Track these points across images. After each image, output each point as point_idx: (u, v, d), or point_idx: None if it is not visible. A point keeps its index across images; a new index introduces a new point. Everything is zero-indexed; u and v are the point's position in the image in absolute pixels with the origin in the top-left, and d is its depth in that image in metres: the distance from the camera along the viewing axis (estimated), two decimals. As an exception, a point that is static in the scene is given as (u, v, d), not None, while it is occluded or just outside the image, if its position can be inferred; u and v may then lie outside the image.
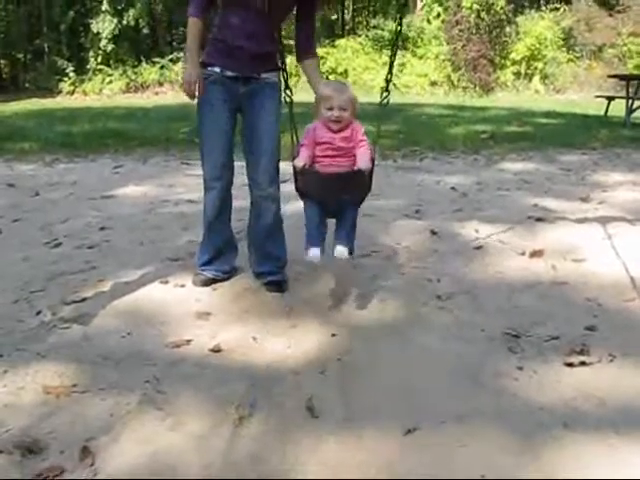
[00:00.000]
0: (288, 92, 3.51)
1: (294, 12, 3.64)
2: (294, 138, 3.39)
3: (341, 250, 3.22)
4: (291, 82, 3.60)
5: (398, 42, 3.40)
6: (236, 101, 3.58)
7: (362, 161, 3.17)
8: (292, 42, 3.68)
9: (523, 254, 4.37)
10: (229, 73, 3.51)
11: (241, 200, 4.03)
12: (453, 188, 6.63)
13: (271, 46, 3.54)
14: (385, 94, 3.31)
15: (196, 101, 3.58)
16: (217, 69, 3.52)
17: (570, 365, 2.87)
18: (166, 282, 3.88)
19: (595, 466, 2.17)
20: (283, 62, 3.63)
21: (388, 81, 3.33)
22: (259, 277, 3.85)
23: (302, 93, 3.85)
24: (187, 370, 2.87)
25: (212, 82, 3.53)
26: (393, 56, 3.39)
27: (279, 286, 3.76)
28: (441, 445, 2.30)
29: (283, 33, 3.73)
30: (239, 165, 3.70)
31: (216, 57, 3.53)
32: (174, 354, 3.02)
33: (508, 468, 2.17)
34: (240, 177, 3.72)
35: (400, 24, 3.43)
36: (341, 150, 3.20)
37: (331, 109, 3.13)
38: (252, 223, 3.80)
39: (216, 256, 3.85)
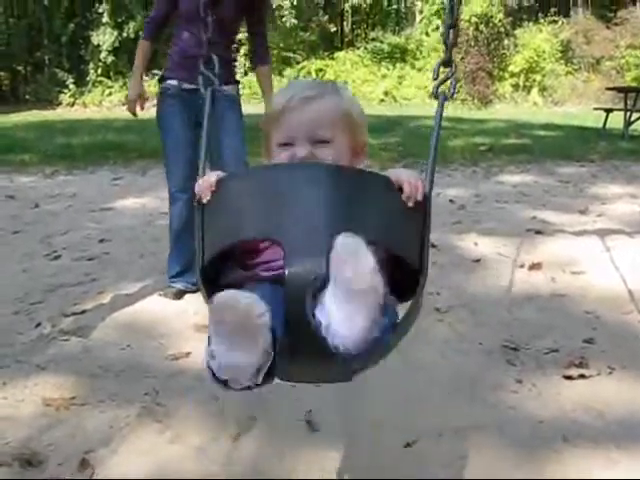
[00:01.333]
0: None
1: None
2: None
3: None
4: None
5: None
6: (195, 114, 3.60)
7: None
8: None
9: (522, 267, 4.37)
10: (186, 86, 3.56)
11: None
12: (452, 201, 6.64)
13: (226, 55, 3.54)
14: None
15: (149, 116, 3.72)
16: (175, 82, 3.61)
17: (569, 378, 2.87)
18: (165, 294, 3.88)
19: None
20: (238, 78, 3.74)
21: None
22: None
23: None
24: (186, 383, 2.86)
25: (171, 95, 3.62)
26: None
27: None
28: (440, 458, 2.30)
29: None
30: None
31: (173, 70, 3.61)
32: (173, 366, 3.02)
33: (507, 481, 2.17)
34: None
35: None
36: None
37: (287, 144, 1.52)
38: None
39: (186, 268, 3.85)
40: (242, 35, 5.32)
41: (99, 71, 23.85)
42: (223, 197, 1.44)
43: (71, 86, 23.43)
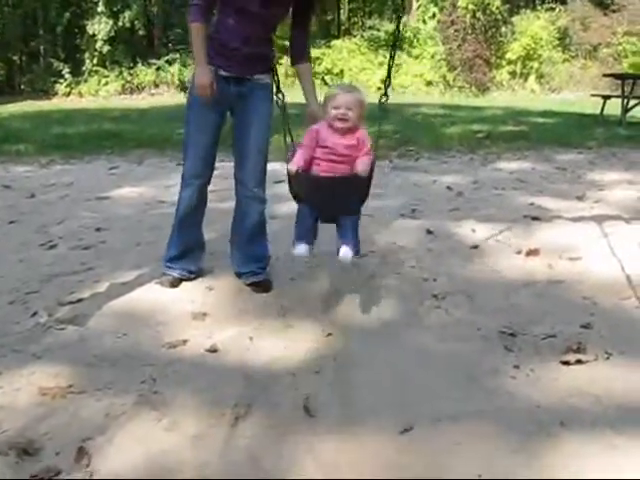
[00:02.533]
0: (280, 96, 3.58)
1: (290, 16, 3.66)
2: (287, 140, 3.38)
3: (346, 251, 3.13)
4: (287, 82, 3.63)
5: (397, 44, 3.43)
6: (227, 101, 3.58)
7: (361, 165, 3.08)
8: (286, 43, 3.69)
9: (519, 253, 4.37)
10: (222, 73, 3.52)
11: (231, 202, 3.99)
12: (449, 187, 6.63)
13: (265, 48, 3.56)
14: (384, 98, 3.25)
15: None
16: (212, 68, 3.54)
17: (566, 363, 2.87)
18: (162, 283, 3.86)
19: (593, 465, 2.17)
20: (275, 64, 3.65)
21: (387, 86, 3.25)
22: (241, 277, 3.84)
23: (296, 93, 3.83)
24: (183, 370, 2.86)
25: None
26: (391, 59, 3.34)
27: (264, 286, 3.77)
28: (437, 444, 2.30)
29: (277, 34, 3.75)
30: (229, 166, 3.70)
31: (211, 56, 3.54)
32: (170, 354, 3.01)
33: (505, 467, 2.17)
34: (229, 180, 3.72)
35: (398, 27, 3.61)
36: (344, 157, 3.13)
37: (337, 108, 3.05)
38: (236, 223, 3.81)
39: (184, 254, 3.84)
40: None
41: (95, 61, 23.74)
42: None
43: (67, 76, 23.33)
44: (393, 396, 2.62)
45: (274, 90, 3.61)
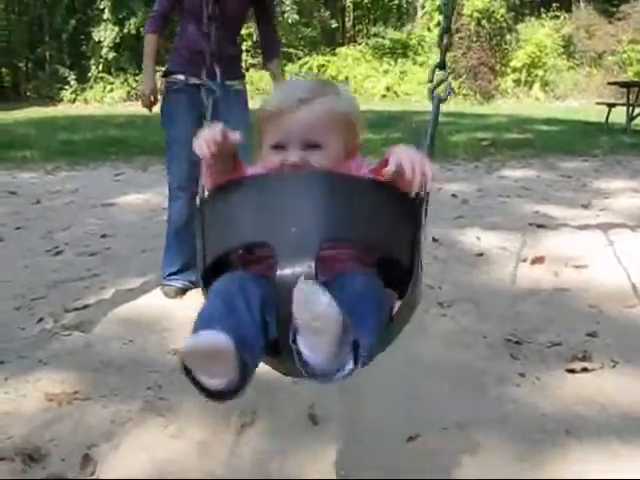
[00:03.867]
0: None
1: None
2: None
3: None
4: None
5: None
6: (201, 109, 3.59)
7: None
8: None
9: (525, 261, 4.36)
10: (193, 80, 3.53)
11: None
12: (454, 195, 6.63)
13: (232, 50, 3.52)
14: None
15: (157, 111, 3.66)
16: (181, 77, 3.58)
17: (572, 371, 2.86)
18: (166, 293, 3.86)
19: (598, 473, 2.16)
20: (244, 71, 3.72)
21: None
22: None
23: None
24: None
25: (176, 90, 3.60)
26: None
27: None
28: (443, 452, 2.29)
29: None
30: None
31: (179, 65, 3.58)
32: (176, 361, 3.01)
33: (510, 475, 2.16)
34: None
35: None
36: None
37: (279, 147, 1.52)
38: None
39: (182, 268, 3.82)
40: (244, 30, 5.30)
41: (100, 67, 23.85)
42: (221, 202, 1.51)
43: (72, 82, 23.46)
44: (399, 404, 2.62)
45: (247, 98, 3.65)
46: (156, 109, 3.82)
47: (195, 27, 3.51)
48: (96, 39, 23.60)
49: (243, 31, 4.33)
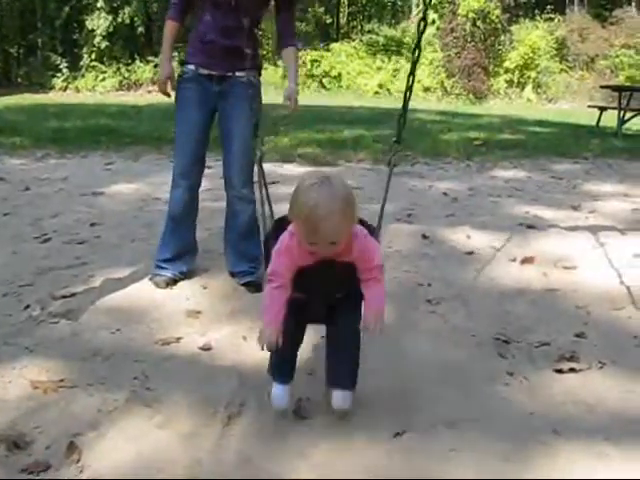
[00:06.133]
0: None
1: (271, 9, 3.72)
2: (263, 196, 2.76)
3: (341, 398, 2.42)
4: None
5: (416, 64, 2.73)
6: (211, 100, 3.60)
7: (371, 315, 2.34)
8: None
9: (514, 260, 4.37)
10: (203, 71, 3.55)
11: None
12: (445, 193, 6.63)
13: (243, 42, 3.47)
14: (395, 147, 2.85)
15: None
16: (192, 67, 3.58)
17: (560, 371, 2.87)
18: (156, 283, 3.84)
19: (585, 473, 2.16)
20: (261, 63, 3.73)
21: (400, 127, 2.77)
22: (235, 277, 3.83)
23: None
24: (176, 368, 2.85)
25: (188, 80, 3.62)
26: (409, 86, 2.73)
27: (257, 286, 3.69)
28: (430, 449, 2.29)
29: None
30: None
31: (192, 55, 3.60)
32: (163, 351, 3.00)
33: (497, 473, 2.16)
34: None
35: (419, 43, 2.77)
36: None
37: (313, 244, 2.19)
38: (228, 222, 3.81)
39: (178, 256, 3.82)
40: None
41: (93, 56, 23.75)
42: None
43: (64, 70, 23.35)
44: (387, 400, 2.61)
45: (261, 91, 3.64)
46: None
47: (211, 17, 3.51)
48: (89, 27, 23.50)
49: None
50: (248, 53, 3.48)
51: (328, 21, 29.05)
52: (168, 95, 3.72)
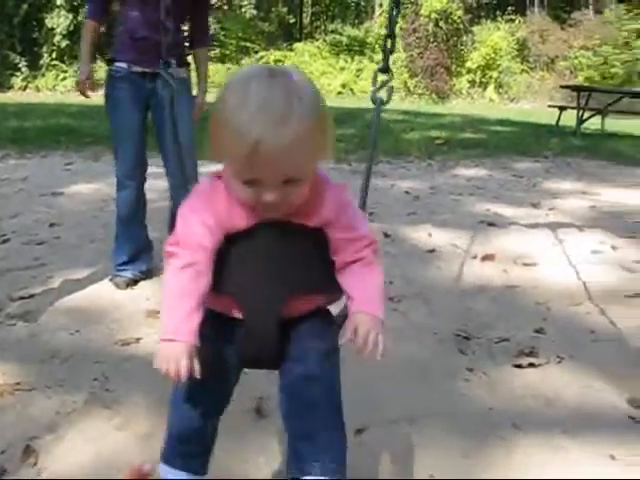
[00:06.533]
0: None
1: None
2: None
3: None
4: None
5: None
6: (145, 98, 3.56)
7: (363, 323, 1.49)
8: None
9: (475, 258, 4.41)
10: (136, 69, 3.50)
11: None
12: (407, 192, 6.68)
13: (175, 38, 3.46)
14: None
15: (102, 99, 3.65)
16: (124, 65, 3.53)
17: (519, 366, 2.90)
18: (116, 284, 3.80)
19: (544, 465, 2.19)
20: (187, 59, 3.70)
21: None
22: None
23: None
24: (136, 369, 2.82)
25: (120, 78, 3.56)
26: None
27: None
28: (391, 445, 2.30)
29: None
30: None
31: (122, 52, 3.54)
32: (123, 352, 2.97)
33: (457, 468, 2.18)
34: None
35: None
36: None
37: (253, 183, 1.31)
38: (170, 219, 3.79)
39: (135, 256, 3.80)
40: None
41: (53, 55, 23.44)
42: None
43: (23, 69, 22.99)
44: (348, 397, 2.60)
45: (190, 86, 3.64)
46: (94, 95, 3.78)
47: (138, 12, 3.45)
48: (49, 26, 23.18)
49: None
50: (181, 51, 3.46)
51: (291, 21, 29.00)
52: (87, 96, 3.69)
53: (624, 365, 2.95)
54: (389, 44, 1.83)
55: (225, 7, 24.82)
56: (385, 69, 1.82)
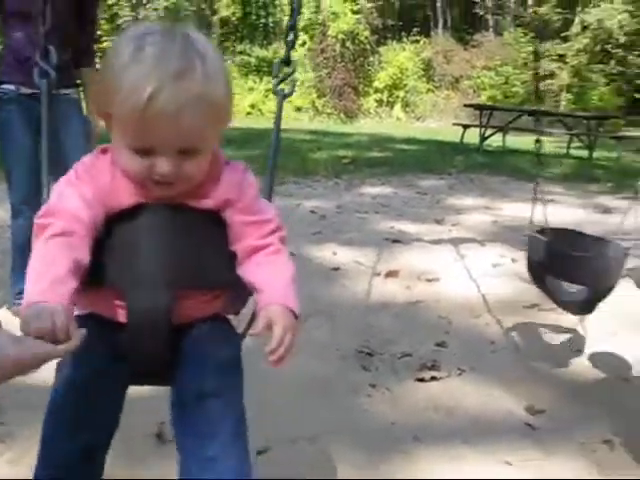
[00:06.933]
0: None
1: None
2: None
3: None
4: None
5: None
6: (36, 119, 3.46)
7: (279, 319, 1.33)
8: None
9: (379, 275, 4.46)
10: (24, 90, 3.38)
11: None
12: (313, 211, 6.70)
13: (62, 56, 3.39)
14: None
15: None
16: (12, 87, 3.41)
17: (421, 380, 2.96)
18: (15, 313, 3.66)
19: (443, 476, 2.23)
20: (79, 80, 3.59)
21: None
22: None
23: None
24: (33, 399, 2.70)
25: (8, 101, 3.42)
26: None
27: None
28: (294, 464, 2.29)
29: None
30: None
31: (9, 74, 3.42)
32: (19, 382, 2.83)
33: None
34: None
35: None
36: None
37: (145, 153, 1.21)
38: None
39: None
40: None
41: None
42: None
43: None
44: (249, 418, 2.59)
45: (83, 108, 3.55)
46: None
47: (21, 32, 3.34)
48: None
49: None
50: (70, 69, 3.38)
51: (200, 42, 28.88)
52: None
53: (521, 373, 3.05)
54: (291, 36, 1.75)
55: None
56: (287, 61, 1.74)
